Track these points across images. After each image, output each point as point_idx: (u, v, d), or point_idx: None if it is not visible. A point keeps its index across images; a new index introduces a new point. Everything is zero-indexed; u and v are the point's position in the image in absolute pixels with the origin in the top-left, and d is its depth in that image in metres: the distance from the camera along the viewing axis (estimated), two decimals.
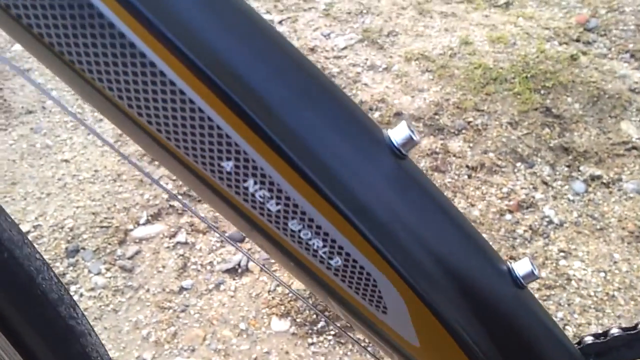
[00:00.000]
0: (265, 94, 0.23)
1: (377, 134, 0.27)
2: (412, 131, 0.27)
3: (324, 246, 0.26)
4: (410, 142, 0.27)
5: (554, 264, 1.15)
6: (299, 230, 0.25)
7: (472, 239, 0.28)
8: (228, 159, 0.24)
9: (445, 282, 0.27)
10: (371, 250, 0.26)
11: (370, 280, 0.26)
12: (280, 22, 1.80)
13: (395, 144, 0.27)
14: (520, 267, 0.30)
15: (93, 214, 1.28)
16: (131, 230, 1.24)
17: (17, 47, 1.81)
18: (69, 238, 1.22)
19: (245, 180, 0.24)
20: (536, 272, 0.30)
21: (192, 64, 0.22)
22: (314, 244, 0.26)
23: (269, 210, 0.25)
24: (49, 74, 1.71)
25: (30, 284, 0.31)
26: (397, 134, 0.27)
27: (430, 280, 0.27)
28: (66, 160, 1.42)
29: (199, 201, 1.31)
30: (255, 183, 0.24)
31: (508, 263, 0.31)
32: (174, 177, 1.37)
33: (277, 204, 0.25)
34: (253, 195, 0.25)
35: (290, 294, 1.12)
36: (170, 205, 1.30)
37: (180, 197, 1.32)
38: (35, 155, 1.44)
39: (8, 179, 1.38)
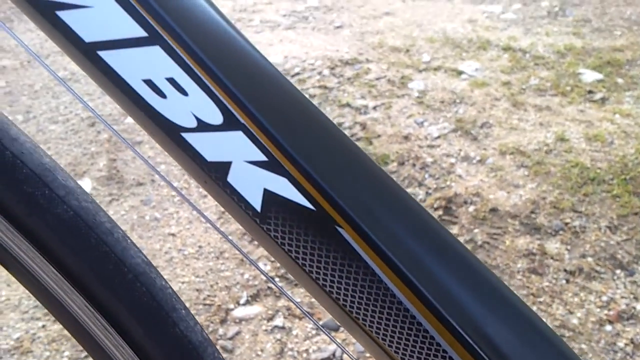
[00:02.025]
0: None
1: None
2: None
3: None
4: None
5: None
6: None
7: None
8: None
9: None
10: None
11: None
12: (374, 108, 1.88)
13: None
14: None
15: (197, 290, 1.35)
16: (232, 309, 1.30)
17: (130, 120, 1.97)
18: None
19: None
20: None
21: (463, 339, 0.27)
22: None
23: None
24: (158, 148, 1.84)
25: None
26: None
27: None
28: (173, 234, 1.51)
29: (296, 285, 1.36)
30: None
31: None
32: (272, 259, 1.43)
33: None
34: None
35: None
36: (269, 287, 1.35)
37: (277, 279, 1.38)
38: (144, 227, 1.54)
39: None
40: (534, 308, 1.24)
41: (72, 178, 0.29)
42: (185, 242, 1.48)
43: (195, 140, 0.25)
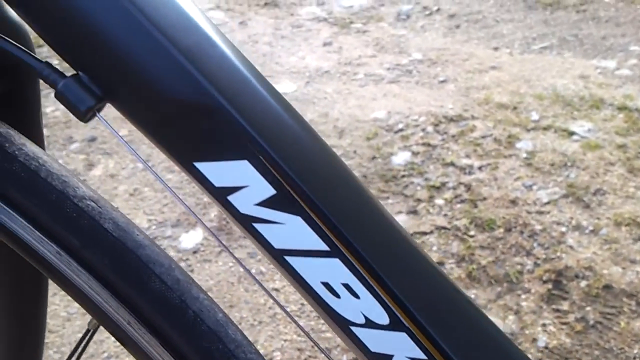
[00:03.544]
0: None
1: None
2: None
3: None
4: None
5: None
6: None
7: None
8: None
9: None
10: None
11: None
12: (479, 168, 1.86)
13: None
14: None
15: (299, 350, 1.38)
16: None
17: None
18: None
19: None
20: None
21: None
22: None
23: None
24: None
25: None
26: None
27: None
28: (276, 289, 1.56)
29: None
30: None
31: None
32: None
33: None
34: None
35: None
36: None
37: None
38: (250, 280, 1.60)
39: (227, 301, 1.55)
40: None
41: (240, 331, 0.33)
42: (288, 298, 1.53)
43: (362, 334, 0.28)
